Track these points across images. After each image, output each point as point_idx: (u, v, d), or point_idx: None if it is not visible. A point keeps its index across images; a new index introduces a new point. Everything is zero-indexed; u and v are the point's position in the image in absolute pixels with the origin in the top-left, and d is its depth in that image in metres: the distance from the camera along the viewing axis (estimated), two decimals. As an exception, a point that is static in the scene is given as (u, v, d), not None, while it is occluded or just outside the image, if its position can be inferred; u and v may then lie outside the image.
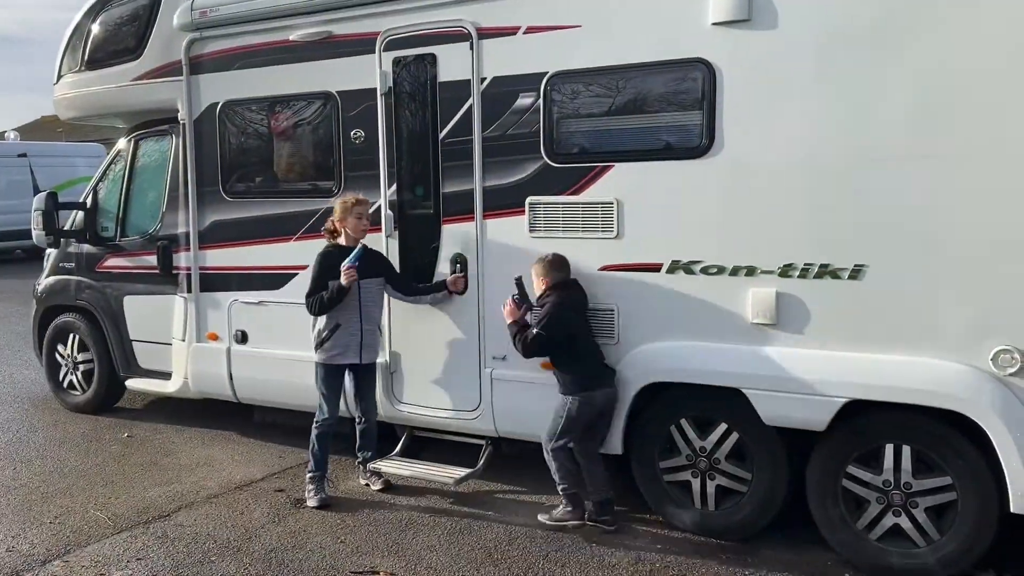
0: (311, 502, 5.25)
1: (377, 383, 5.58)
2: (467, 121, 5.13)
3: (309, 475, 5.35)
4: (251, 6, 5.85)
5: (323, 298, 5.12)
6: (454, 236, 5.27)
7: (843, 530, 4.34)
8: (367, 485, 5.56)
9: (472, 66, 5.08)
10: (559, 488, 4.86)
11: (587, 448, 4.85)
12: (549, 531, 4.81)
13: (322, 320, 5.24)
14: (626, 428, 4.82)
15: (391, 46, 5.37)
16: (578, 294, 4.82)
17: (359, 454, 5.58)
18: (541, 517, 4.93)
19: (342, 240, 5.27)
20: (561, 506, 4.88)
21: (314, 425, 5.34)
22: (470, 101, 5.11)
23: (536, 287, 4.86)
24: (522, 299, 4.89)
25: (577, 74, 4.81)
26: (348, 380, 5.43)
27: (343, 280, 5.05)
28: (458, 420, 5.39)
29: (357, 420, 5.52)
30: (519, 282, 4.93)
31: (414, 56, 5.32)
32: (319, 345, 5.26)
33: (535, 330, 4.69)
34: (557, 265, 4.82)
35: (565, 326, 4.70)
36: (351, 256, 5.09)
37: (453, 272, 5.28)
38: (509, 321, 4.85)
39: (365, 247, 5.22)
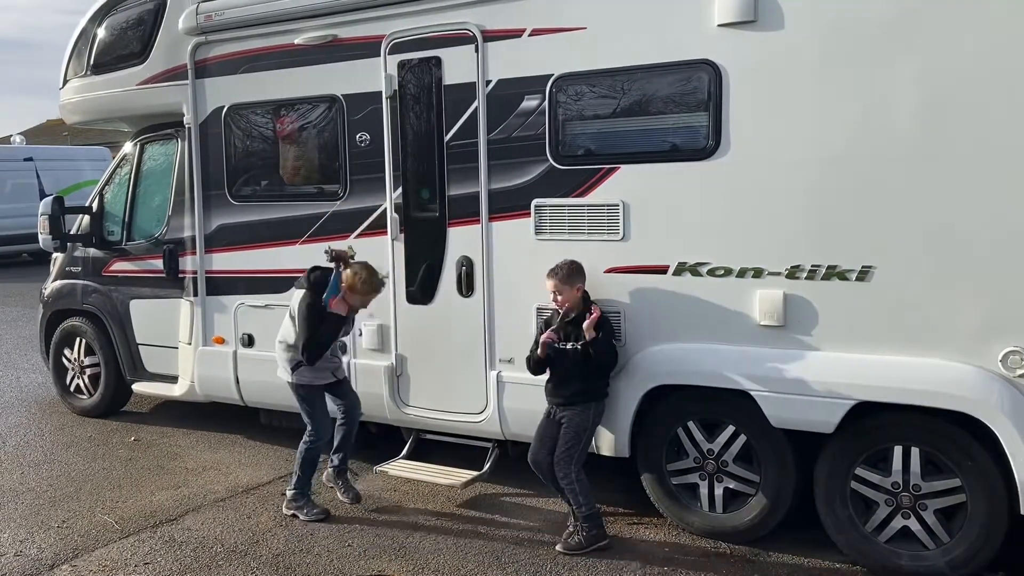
0: (305, 516, 5.05)
1: (383, 386, 5.59)
2: (473, 123, 5.12)
3: (292, 492, 5.14)
4: (256, 10, 5.85)
5: (321, 343, 4.92)
6: (460, 239, 5.26)
7: (851, 532, 4.33)
8: (334, 494, 5.35)
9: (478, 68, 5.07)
10: (581, 510, 4.60)
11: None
12: (576, 555, 4.56)
13: (294, 348, 5.03)
14: (632, 431, 4.81)
15: (396, 49, 5.37)
16: None
17: (332, 457, 5.34)
18: (559, 548, 4.62)
19: (341, 298, 4.94)
20: (580, 531, 4.61)
21: (303, 444, 5.12)
22: (475, 103, 5.10)
23: (566, 299, 4.58)
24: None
25: (583, 76, 4.80)
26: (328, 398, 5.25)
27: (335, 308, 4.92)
28: (465, 423, 5.38)
29: (339, 421, 5.28)
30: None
31: (419, 59, 5.32)
32: (294, 369, 5.06)
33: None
34: (580, 269, 4.65)
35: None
36: (330, 287, 4.94)
37: (458, 275, 5.25)
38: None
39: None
